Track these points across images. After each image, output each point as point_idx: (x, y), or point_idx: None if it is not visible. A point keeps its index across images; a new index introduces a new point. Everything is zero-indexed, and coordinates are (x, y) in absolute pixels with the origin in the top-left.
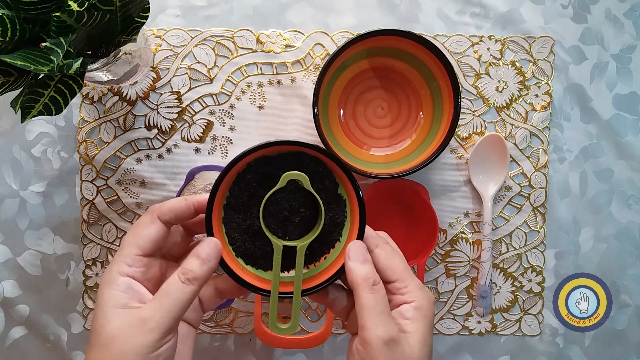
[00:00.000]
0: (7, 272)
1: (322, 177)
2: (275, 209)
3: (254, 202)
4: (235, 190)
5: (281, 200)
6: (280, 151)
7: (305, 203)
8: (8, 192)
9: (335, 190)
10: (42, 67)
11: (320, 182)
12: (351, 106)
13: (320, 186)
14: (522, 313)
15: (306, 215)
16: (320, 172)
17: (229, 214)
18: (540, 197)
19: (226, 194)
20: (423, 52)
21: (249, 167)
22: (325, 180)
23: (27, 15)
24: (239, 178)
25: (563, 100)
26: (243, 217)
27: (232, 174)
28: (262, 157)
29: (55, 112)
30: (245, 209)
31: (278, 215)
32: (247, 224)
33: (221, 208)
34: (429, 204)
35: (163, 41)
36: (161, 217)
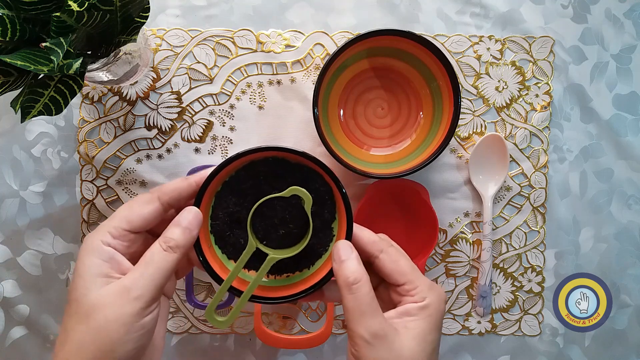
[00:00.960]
0: (7, 272)
1: (324, 203)
2: (268, 212)
3: (252, 194)
4: (242, 174)
5: (277, 206)
6: (300, 161)
7: (297, 220)
8: (8, 192)
9: (330, 221)
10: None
11: (320, 207)
12: (351, 106)
13: (318, 211)
14: (522, 313)
15: (292, 232)
16: (324, 199)
17: (225, 191)
18: (540, 197)
19: (232, 173)
20: (423, 52)
21: (265, 161)
22: (326, 209)
23: (27, 15)
24: (251, 165)
25: (563, 100)
26: (236, 201)
27: (247, 159)
28: (281, 158)
29: (55, 112)
30: (242, 195)
31: (267, 219)
32: (235, 209)
33: (220, 183)
34: (429, 204)
35: (163, 41)
36: (161, 197)
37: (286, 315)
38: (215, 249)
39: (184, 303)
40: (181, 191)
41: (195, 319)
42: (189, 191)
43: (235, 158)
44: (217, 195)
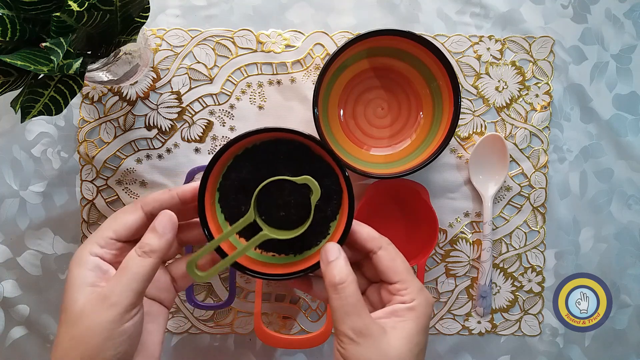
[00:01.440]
0: (7, 272)
1: (330, 200)
2: (276, 191)
3: (267, 169)
4: (265, 147)
5: (286, 189)
6: (322, 155)
7: (300, 208)
8: (8, 192)
9: (330, 219)
10: (42, 67)
11: (325, 203)
12: (351, 106)
13: (322, 206)
14: (522, 313)
15: (291, 217)
16: (332, 197)
17: (244, 156)
18: (540, 197)
19: (255, 142)
20: (423, 52)
21: (290, 142)
22: (330, 207)
23: (27, 15)
24: (276, 142)
25: (563, 100)
26: (250, 170)
27: (275, 135)
28: (306, 145)
29: (55, 112)
30: (258, 167)
31: (273, 197)
32: (247, 177)
33: (242, 148)
34: (429, 204)
35: (163, 41)
36: (144, 207)
37: (286, 315)
38: (217, 207)
39: (184, 303)
40: (162, 202)
41: (195, 319)
42: (170, 203)
43: (264, 131)
44: (236, 157)
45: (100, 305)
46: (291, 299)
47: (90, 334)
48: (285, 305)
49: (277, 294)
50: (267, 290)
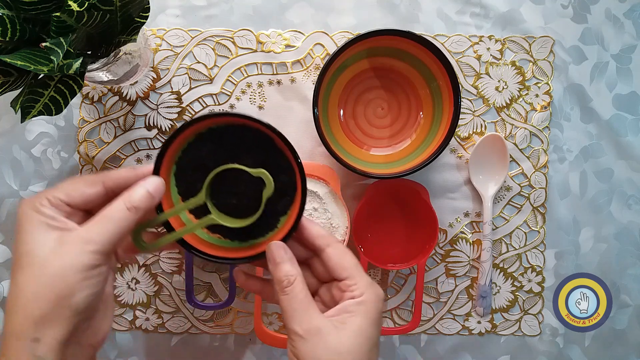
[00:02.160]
0: (7, 272)
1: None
2: (231, 178)
3: (228, 153)
4: (230, 130)
5: (241, 178)
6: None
7: (252, 199)
8: (8, 192)
9: (281, 214)
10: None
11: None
12: (351, 106)
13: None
14: (522, 313)
15: (242, 206)
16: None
17: (207, 136)
18: (540, 197)
19: (221, 124)
20: (423, 52)
21: (255, 131)
22: (282, 202)
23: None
24: (242, 128)
25: (563, 100)
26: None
27: (242, 121)
28: (270, 137)
29: (55, 112)
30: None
31: (228, 183)
32: (207, 156)
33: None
34: (429, 204)
35: (163, 41)
36: (106, 182)
37: None
38: (172, 180)
39: (184, 303)
40: (127, 180)
41: (195, 319)
42: (135, 182)
43: (231, 115)
44: (198, 135)
45: (79, 248)
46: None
47: (66, 274)
48: None
49: None
50: None
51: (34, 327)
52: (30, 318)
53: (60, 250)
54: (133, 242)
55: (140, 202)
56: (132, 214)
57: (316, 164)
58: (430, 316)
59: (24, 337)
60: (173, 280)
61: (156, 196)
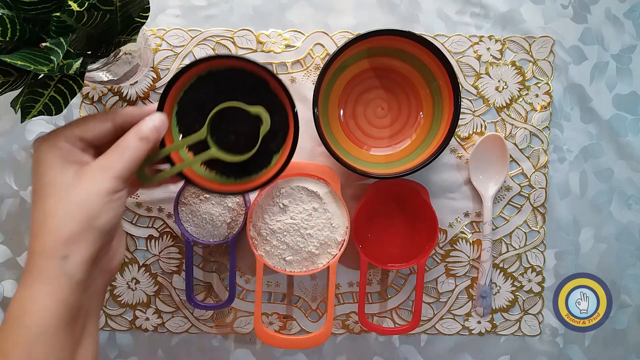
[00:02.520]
0: (7, 272)
1: (276, 135)
2: (229, 116)
3: (226, 94)
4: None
5: (239, 116)
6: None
7: (248, 136)
8: (8, 192)
9: (274, 152)
10: (42, 67)
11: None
12: (351, 106)
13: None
14: (522, 313)
15: (239, 142)
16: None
17: (206, 78)
18: (540, 197)
19: (220, 67)
20: (423, 52)
21: (251, 74)
22: (276, 141)
23: (27, 15)
24: (240, 71)
25: (563, 100)
26: (210, 91)
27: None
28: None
29: (55, 112)
30: (217, 90)
31: (226, 122)
32: (207, 97)
33: (205, 70)
34: (429, 204)
35: (163, 41)
36: (116, 119)
37: (286, 315)
38: (174, 120)
39: (184, 303)
40: (134, 117)
41: (195, 319)
42: (141, 118)
43: (228, 58)
44: (199, 77)
45: (102, 175)
46: (291, 299)
47: (91, 199)
48: (285, 305)
49: (277, 293)
50: (267, 290)
51: (64, 245)
52: (61, 238)
53: (81, 179)
54: (137, 176)
55: (148, 133)
56: (144, 144)
57: (316, 164)
58: (430, 316)
59: (54, 255)
60: (173, 280)
61: (161, 130)
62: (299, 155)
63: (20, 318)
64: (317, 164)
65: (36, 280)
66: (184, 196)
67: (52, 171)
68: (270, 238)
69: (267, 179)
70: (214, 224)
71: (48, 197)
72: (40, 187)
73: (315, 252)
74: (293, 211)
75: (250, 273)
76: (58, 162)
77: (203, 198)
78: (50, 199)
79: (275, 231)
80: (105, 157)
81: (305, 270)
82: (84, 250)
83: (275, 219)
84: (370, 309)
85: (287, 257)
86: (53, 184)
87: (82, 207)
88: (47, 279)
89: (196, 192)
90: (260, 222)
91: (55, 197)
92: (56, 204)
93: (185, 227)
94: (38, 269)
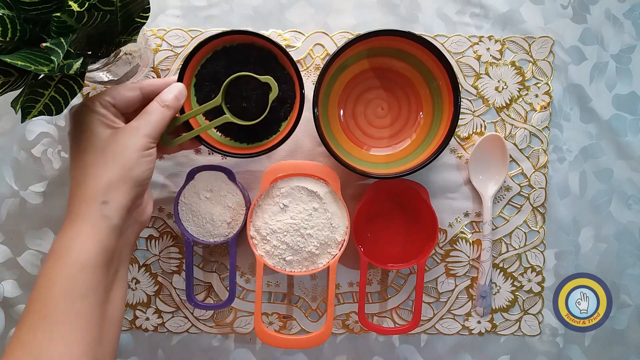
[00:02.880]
0: (8, 272)
1: (284, 103)
2: (242, 86)
3: (238, 66)
4: (240, 48)
5: (250, 85)
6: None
7: (258, 103)
8: (8, 192)
9: (282, 120)
10: (42, 67)
11: (280, 105)
12: (351, 106)
13: (277, 107)
14: (522, 313)
15: (250, 110)
16: (286, 101)
17: (221, 53)
18: (540, 197)
19: (233, 44)
20: (423, 52)
21: (259, 48)
22: (283, 109)
23: (27, 16)
24: (250, 46)
25: (563, 100)
26: (224, 64)
27: (250, 39)
28: (274, 53)
29: (55, 112)
30: (231, 63)
31: (238, 90)
32: (221, 70)
33: (221, 45)
34: (429, 204)
35: (163, 41)
36: (143, 89)
37: (286, 315)
38: (192, 90)
39: (184, 303)
40: (159, 87)
41: (195, 318)
42: (164, 88)
43: (243, 32)
44: (215, 52)
45: (134, 134)
46: (291, 299)
47: (127, 152)
48: (285, 305)
49: (277, 293)
50: (267, 290)
51: (104, 191)
52: (102, 185)
53: (117, 137)
54: (160, 140)
55: (170, 101)
56: (166, 110)
57: (316, 164)
58: (430, 316)
59: (95, 200)
60: (173, 280)
61: (180, 98)
62: (299, 155)
63: (64, 253)
64: (317, 164)
65: (78, 222)
66: (184, 196)
67: (91, 130)
68: (271, 238)
69: (275, 143)
70: (214, 223)
71: (88, 152)
72: (79, 144)
73: (315, 252)
74: (293, 211)
75: (250, 273)
76: (96, 123)
77: (203, 198)
78: (90, 153)
79: (275, 231)
80: (135, 121)
81: (305, 270)
82: (121, 196)
83: (275, 218)
84: (370, 309)
85: (287, 257)
86: (92, 141)
87: (120, 159)
88: (88, 221)
89: (196, 191)
90: (260, 222)
91: (95, 151)
92: (96, 156)
93: (185, 226)
94: (81, 211)
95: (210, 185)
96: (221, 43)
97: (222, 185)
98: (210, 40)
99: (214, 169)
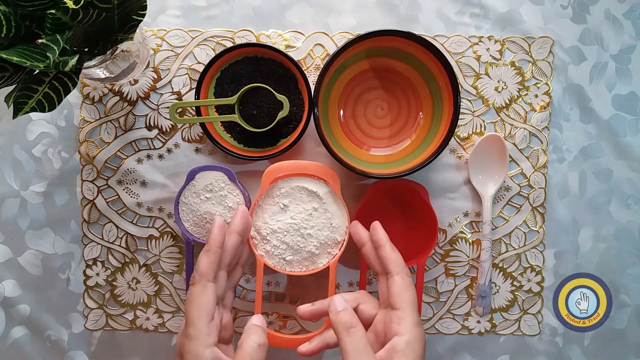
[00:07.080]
0: (8, 271)
1: (291, 120)
2: (257, 93)
3: (259, 75)
4: (265, 59)
5: (264, 96)
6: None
7: (269, 114)
8: (9, 192)
9: (286, 135)
10: (38, 63)
11: (287, 120)
12: (351, 106)
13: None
14: (521, 313)
15: (259, 118)
16: (293, 120)
17: (245, 60)
18: (539, 197)
19: (257, 55)
20: (423, 52)
21: (278, 63)
22: (291, 124)
23: (23, 12)
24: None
25: (562, 100)
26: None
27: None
28: (292, 73)
29: (48, 108)
30: (253, 71)
31: (253, 97)
32: (243, 74)
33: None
34: (428, 204)
35: (163, 41)
36: (207, 277)
37: (286, 315)
38: (213, 83)
39: (184, 303)
40: (216, 258)
41: None
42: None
43: (278, 51)
44: (245, 57)
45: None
46: (291, 299)
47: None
48: (285, 305)
49: (277, 293)
50: (267, 290)
51: None
52: None
53: None
54: (169, 115)
55: (196, 273)
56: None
57: (316, 164)
58: (430, 316)
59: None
60: (173, 280)
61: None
62: (299, 155)
63: None
64: (317, 164)
65: None
66: (185, 196)
67: None
68: (271, 238)
69: (269, 154)
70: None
71: None
72: None
73: (315, 252)
74: (293, 211)
75: (251, 273)
76: None
77: (203, 198)
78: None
79: (275, 231)
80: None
81: (305, 270)
82: None
83: (275, 218)
84: None
85: (287, 257)
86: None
87: None
88: None
89: (196, 191)
90: (261, 222)
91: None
92: None
93: (186, 226)
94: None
95: (211, 186)
96: (253, 52)
97: (222, 186)
98: (248, 45)
99: (214, 169)
